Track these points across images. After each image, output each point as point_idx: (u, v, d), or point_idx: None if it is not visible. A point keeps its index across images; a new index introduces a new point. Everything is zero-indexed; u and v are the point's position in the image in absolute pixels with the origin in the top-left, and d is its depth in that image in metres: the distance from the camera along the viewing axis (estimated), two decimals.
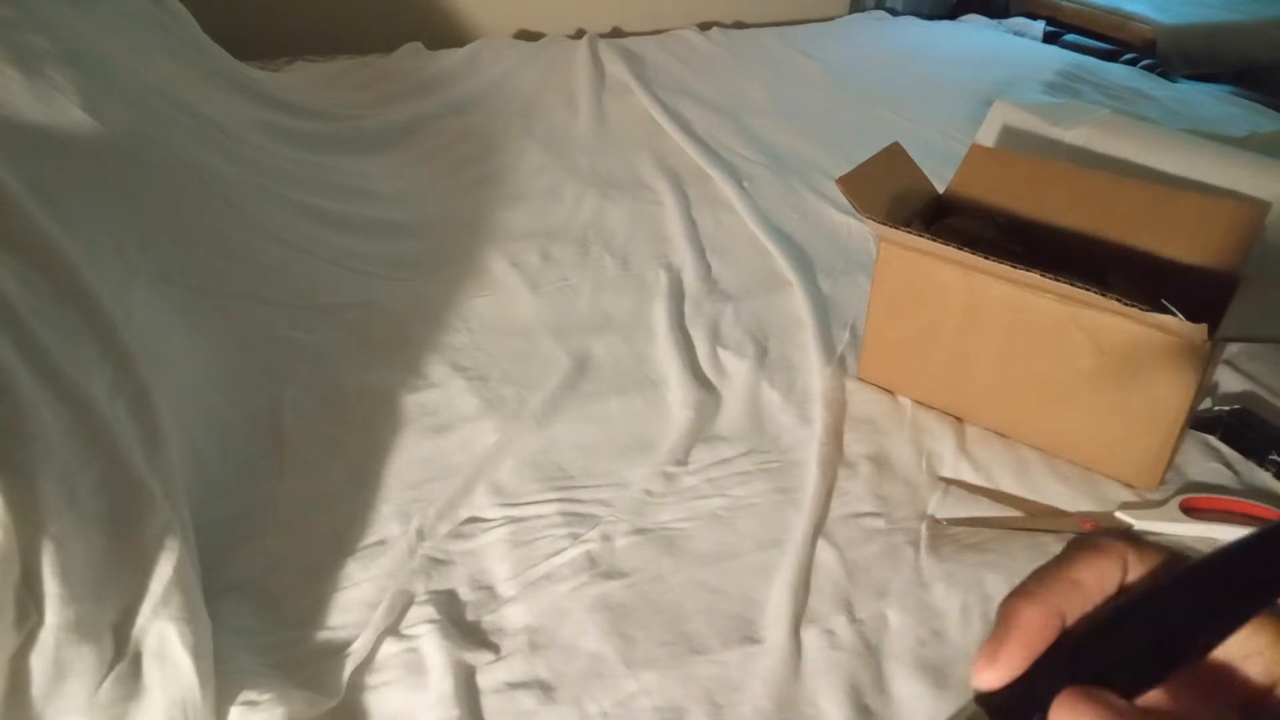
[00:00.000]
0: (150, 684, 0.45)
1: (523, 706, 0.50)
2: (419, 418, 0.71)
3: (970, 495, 0.65)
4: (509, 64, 1.46)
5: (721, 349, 0.82)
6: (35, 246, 0.54)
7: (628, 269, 0.95)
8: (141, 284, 0.66)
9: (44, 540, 0.42)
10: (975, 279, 0.66)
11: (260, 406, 0.70)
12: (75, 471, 0.45)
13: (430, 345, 0.80)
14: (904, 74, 1.55)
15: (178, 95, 0.90)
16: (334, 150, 1.11)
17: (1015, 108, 1.04)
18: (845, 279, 0.93)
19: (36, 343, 0.48)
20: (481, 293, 0.89)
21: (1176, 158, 0.89)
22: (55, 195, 0.61)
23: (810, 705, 0.50)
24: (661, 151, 1.22)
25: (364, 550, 0.59)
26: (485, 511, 0.63)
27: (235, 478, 0.63)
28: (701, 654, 0.53)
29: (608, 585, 0.57)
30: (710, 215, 1.06)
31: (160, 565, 0.47)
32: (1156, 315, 0.57)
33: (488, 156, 1.19)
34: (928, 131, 1.28)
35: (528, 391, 0.75)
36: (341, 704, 0.49)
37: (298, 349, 0.77)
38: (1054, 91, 1.43)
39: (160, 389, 0.56)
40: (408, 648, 0.52)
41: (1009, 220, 0.75)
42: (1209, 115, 1.33)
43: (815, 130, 1.31)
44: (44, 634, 0.42)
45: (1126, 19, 1.82)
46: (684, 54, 1.59)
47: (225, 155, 0.90)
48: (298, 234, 0.89)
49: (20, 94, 0.67)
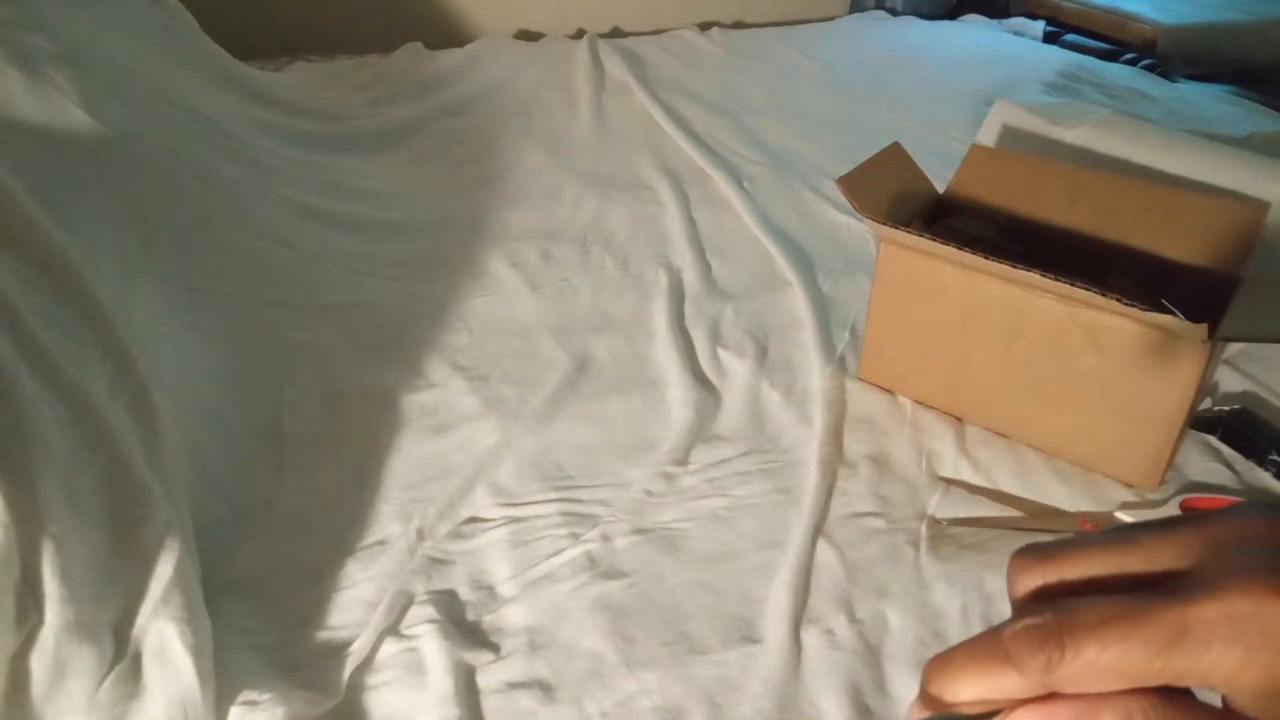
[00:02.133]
0: (150, 684, 0.45)
1: (523, 706, 0.50)
2: (419, 418, 0.71)
3: (970, 495, 0.65)
4: (509, 64, 1.46)
5: (721, 349, 0.82)
6: (35, 246, 0.54)
7: (628, 269, 0.95)
8: (142, 284, 0.66)
9: (44, 540, 0.42)
10: (975, 279, 0.66)
11: (260, 406, 0.70)
12: (75, 471, 0.45)
13: (430, 345, 0.80)
14: (904, 74, 1.55)
15: (178, 95, 0.90)
16: (334, 150, 1.11)
17: (1015, 108, 1.04)
18: (845, 279, 0.93)
19: (37, 342, 0.48)
20: (481, 293, 0.89)
21: (1177, 158, 0.89)
22: (55, 195, 0.61)
23: (810, 705, 0.50)
24: (661, 151, 1.22)
25: (364, 550, 0.59)
26: (485, 511, 0.63)
27: (235, 477, 0.63)
28: (701, 654, 0.53)
29: (608, 585, 0.57)
30: (710, 215, 1.06)
31: (160, 565, 0.47)
32: (1156, 315, 0.57)
33: (488, 156, 1.19)
34: (928, 131, 1.28)
35: (528, 391, 0.75)
36: (341, 704, 0.49)
37: (298, 349, 0.77)
38: (1054, 91, 1.43)
39: (160, 389, 0.56)
40: (408, 648, 0.52)
41: (1009, 220, 0.75)
42: (1209, 115, 1.33)
43: (815, 130, 1.31)
44: (44, 634, 0.42)
45: (1126, 19, 1.82)
46: (684, 54, 1.59)
47: (225, 155, 0.90)
48: (298, 234, 0.89)
49: (21, 94, 0.67)
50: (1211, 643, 0.18)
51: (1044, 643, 0.19)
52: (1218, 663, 0.18)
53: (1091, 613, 0.19)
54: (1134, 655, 0.18)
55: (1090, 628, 0.19)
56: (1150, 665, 0.18)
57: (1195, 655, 0.18)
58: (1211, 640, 0.18)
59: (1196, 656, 0.18)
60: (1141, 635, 0.18)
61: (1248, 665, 0.18)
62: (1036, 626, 0.19)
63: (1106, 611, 0.19)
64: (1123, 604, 0.19)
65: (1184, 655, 0.18)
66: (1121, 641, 0.18)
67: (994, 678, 0.20)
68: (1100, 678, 0.19)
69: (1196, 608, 0.18)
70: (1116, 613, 0.19)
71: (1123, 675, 0.19)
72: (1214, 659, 0.18)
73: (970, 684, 0.20)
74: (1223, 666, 0.18)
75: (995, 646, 0.20)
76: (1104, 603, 0.19)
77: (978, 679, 0.20)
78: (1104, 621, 0.19)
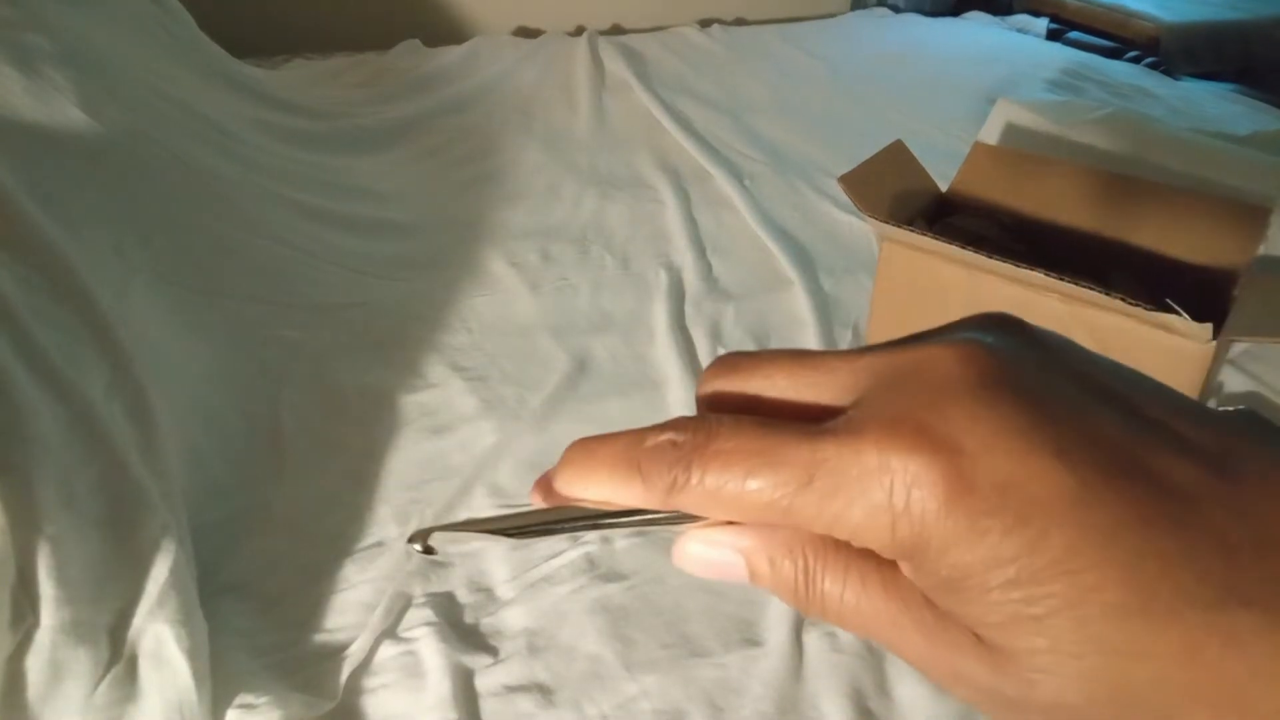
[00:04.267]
0: (146, 686, 0.45)
1: (521, 709, 0.49)
2: (418, 418, 0.71)
3: None
4: (508, 61, 1.46)
5: (722, 349, 0.81)
6: (33, 246, 0.54)
7: (628, 268, 0.94)
8: (139, 284, 0.66)
9: (41, 541, 0.41)
10: (978, 278, 0.66)
11: (258, 407, 0.70)
12: (72, 472, 0.45)
13: (429, 345, 0.80)
14: (906, 72, 1.54)
15: (176, 94, 0.90)
16: (332, 149, 1.11)
17: (1018, 106, 1.03)
18: (847, 278, 0.93)
19: (34, 342, 0.48)
20: (480, 292, 0.89)
21: (1180, 156, 0.89)
22: (53, 195, 0.60)
23: (812, 708, 0.50)
24: (662, 150, 1.21)
25: (362, 552, 0.59)
26: (484, 512, 0.62)
27: (233, 478, 0.63)
28: (702, 656, 0.53)
29: (607, 587, 0.57)
30: (711, 214, 1.06)
31: (157, 567, 0.47)
32: (1160, 315, 0.57)
33: (486, 155, 1.18)
34: (930, 129, 1.27)
35: (527, 392, 0.74)
36: (339, 706, 0.49)
37: (296, 349, 0.77)
38: (1057, 89, 1.43)
39: (158, 389, 0.56)
40: (406, 650, 0.52)
41: (1012, 219, 0.75)
42: (1212, 114, 1.33)
43: (817, 128, 1.30)
44: (40, 635, 0.41)
45: (1129, 16, 1.81)
46: (684, 51, 1.58)
47: (223, 154, 0.90)
48: (296, 233, 0.89)
49: (19, 93, 0.67)
50: (835, 492, 0.16)
51: (674, 464, 0.18)
52: (840, 515, 0.16)
53: (730, 439, 0.17)
54: (759, 492, 0.17)
55: (721, 455, 0.17)
56: (775, 506, 0.17)
57: (819, 503, 0.17)
58: (836, 490, 0.16)
59: (820, 505, 0.17)
60: (770, 472, 0.17)
61: (871, 525, 0.16)
62: (673, 444, 0.18)
63: (744, 441, 0.17)
64: (765, 434, 0.17)
65: (808, 501, 0.17)
66: (748, 476, 0.17)
67: (623, 485, 0.18)
68: (724, 508, 0.18)
69: (826, 450, 0.16)
70: (753, 444, 0.17)
71: (747, 509, 0.17)
72: (837, 511, 0.16)
73: (598, 485, 0.19)
74: (846, 520, 0.16)
75: (632, 453, 0.18)
76: (747, 429, 0.17)
77: (608, 481, 0.19)
78: (737, 451, 0.17)
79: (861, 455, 0.16)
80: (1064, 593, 0.15)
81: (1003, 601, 0.15)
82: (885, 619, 0.18)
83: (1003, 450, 0.16)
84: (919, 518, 0.16)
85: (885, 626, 0.18)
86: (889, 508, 0.16)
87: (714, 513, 0.18)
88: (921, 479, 0.16)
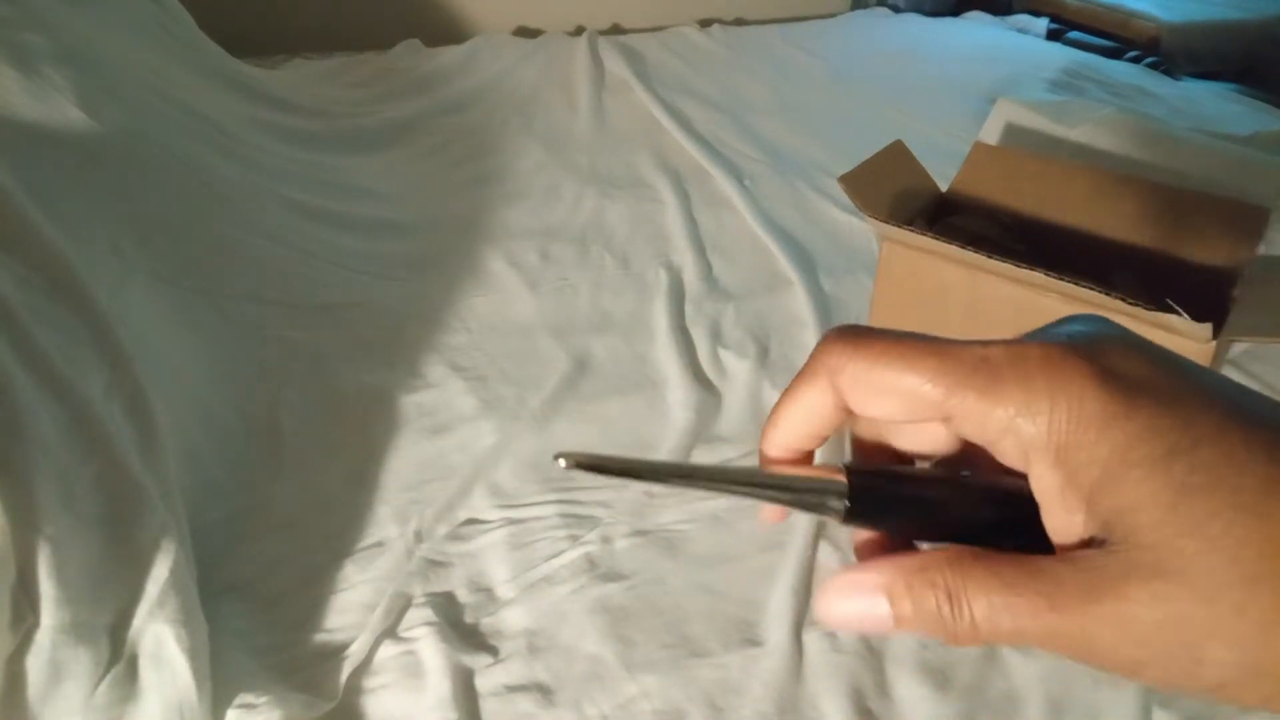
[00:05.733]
0: (146, 686, 0.45)
1: (521, 710, 0.49)
2: (417, 418, 0.71)
3: None
4: (508, 61, 1.46)
5: (722, 349, 0.81)
6: (31, 245, 0.53)
7: (628, 268, 0.94)
8: (138, 283, 0.66)
9: (40, 541, 0.41)
10: (978, 278, 0.66)
11: (257, 407, 0.70)
12: (71, 472, 0.45)
13: (428, 345, 0.80)
14: (906, 71, 1.54)
15: (175, 93, 0.90)
16: (331, 148, 1.11)
17: (1018, 105, 1.03)
18: (847, 278, 0.92)
19: (32, 342, 0.48)
20: (480, 292, 0.89)
21: (1180, 156, 0.89)
22: (51, 194, 0.60)
23: (812, 708, 0.50)
24: (662, 150, 1.21)
25: (361, 552, 0.59)
26: (484, 513, 0.62)
27: (232, 478, 0.63)
28: (702, 657, 0.53)
29: (607, 587, 0.57)
30: (711, 214, 1.06)
31: (156, 567, 0.47)
32: (1161, 315, 0.57)
33: (486, 154, 1.18)
34: (930, 129, 1.27)
35: (527, 392, 0.74)
36: (339, 707, 0.49)
37: (295, 349, 0.76)
38: (1057, 89, 1.43)
39: (157, 389, 0.56)
40: (406, 650, 0.52)
41: (1012, 219, 0.75)
42: (1213, 114, 1.33)
43: (817, 128, 1.30)
44: (40, 636, 0.41)
45: (1130, 16, 1.81)
46: (684, 51, 1.58)
47: (222, 154, 0.90)
48: (295, 233, 0.89)
49: (17, 92, 0.67)
50: (1002, 378, 0.19)
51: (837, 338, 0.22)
52: (1003, 397, 0.19)
53: (879, 335, 0.21)
54: (921, 377, 0.20)
55: (885, 345, 0.21)
56: (934, 388, 0.20)
57: (983, 386, 0.19)
58: (1001, 376, 0.19)
59: (983, 388, 0.19)
60: (935, 360, 0.20)
61: (1029, 407, 0.18)
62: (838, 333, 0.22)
63: (904, 337, 0.21)
64: (923, 339, 0.21)
65: (971, 384, 0.19)
66: (912, 366, 0.20)
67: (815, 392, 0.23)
68: (880, 396, 0.21)
69: (992, 348, 0.19)
70: (915, 340, 0.21)
71: (902, 395, 0.20)
72: (1002, 393, 0.19)
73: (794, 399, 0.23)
74: (1009, 403, 0.19)
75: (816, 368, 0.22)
76: (905, 334, 0.21)
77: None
78: (900, 342, 0.21)
79: (1026, 350, 0.19)
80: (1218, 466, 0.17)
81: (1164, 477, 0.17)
82: (1037, 608, 0.18)
83: (1144, 367, 0.19)
84: (1077, 394, 0.18)
85: (1041, 614, 0.18)
86: (1045, 393, 0.18)
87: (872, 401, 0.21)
88: (1080, 369, 0.18)
